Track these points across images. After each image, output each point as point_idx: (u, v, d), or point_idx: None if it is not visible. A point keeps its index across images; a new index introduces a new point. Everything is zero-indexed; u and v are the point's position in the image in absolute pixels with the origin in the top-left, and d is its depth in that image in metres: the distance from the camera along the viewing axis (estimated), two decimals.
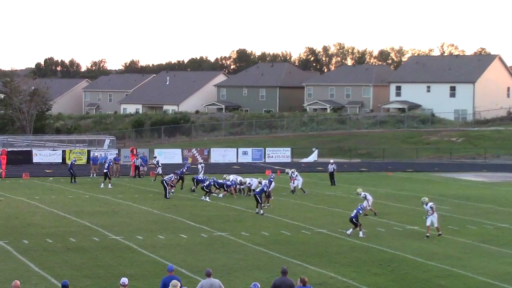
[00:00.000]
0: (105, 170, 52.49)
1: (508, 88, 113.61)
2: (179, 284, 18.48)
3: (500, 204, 44.65)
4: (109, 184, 51.61)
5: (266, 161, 73.40)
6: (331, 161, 55.64)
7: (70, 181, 54.26)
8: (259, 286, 18.66)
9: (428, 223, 33.45)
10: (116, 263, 27.34)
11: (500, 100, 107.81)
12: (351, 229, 33.42)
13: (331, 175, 53.57)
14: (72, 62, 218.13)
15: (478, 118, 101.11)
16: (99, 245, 30.53)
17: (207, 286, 19.13)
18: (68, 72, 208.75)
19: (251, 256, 28.80)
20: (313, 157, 77.51)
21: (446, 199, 46.68)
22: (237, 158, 73.94)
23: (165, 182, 46.26)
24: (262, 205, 40.43)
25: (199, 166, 56.30)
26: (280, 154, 76.53)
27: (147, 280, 24.59)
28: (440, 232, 33.33)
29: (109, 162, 54.86)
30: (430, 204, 33.78)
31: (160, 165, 58.06)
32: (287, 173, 50.36)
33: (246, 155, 75.04)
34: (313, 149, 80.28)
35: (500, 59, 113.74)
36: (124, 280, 18.44)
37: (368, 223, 36.90)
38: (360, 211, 34.22)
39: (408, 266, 27.25)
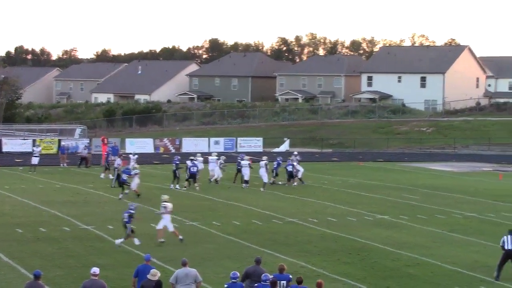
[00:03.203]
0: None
1: (477, 79, 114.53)
2: (159, 273, 18.61)
3: (469, 194, 45.13)
4: (103, 174, 50.93)
5: (238, 150, 73.45)
6: (295, 152, 54.37)
7: None
8: (238, 275, 18.79)
9: (159, 226, 29.47)
10: (87, 253, 27.35)
11: (469, 91, 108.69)
12: (122, 239, 28.68)
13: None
14: (42, 51, 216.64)
15: (448, 108, 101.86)
16: (70, 235, 30.50)
17: (182, 275, 19.16)
18: (39, 60, 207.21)
19: (222, 245, 28.93)
20: (284, 147, 77.71)
21: (416, 189, 47.10)
22: (209, 147, 73.85)
23: (117, 169, 46.06)
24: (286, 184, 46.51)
25: (132, 158, 51.29)
26: (252, 144, 76.66)
27: (118, 270, 24.64)
28: (180, 237, 29.28)
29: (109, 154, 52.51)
30: (164, 204, 29.84)
31: (38, 155, 55.25)
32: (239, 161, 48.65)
33: (218, 144, 75.03)
34: (285, 139, 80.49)
35: (470, 50, 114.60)
36: (95, 269, 18.48)
37: (339, 212, 37.18)
38: (132, 212, 29.11)
39: (377, 255, 27.52)
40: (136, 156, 53.42)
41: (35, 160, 54.42)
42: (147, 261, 20.15)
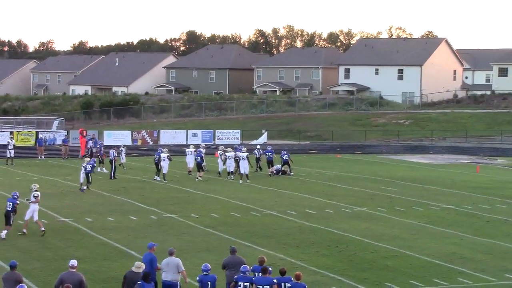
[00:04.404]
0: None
1: (455, 71, 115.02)
2: (143, 266, 18.60)
3: (446, 186, 45.34)
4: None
5: (216, 143, 73.37)
6: (258, 146, 53.76)
7: None
8: (210, 267, 18.85)
9: (27, 217, 28.99)
10: (64, 245, 27.26)
11: (446, 83, 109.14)
12: (4, 231, 28.27)
13: (257, 160, 50.91)
14: (19, 43, 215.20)
15: (425, 100, 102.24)
16: (48, 227, 30.31)
17: (164, 264, 19.58)
18: (16, 52, 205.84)
19: (201, 237, 28.92)
20: (262, 139, 77.71)
21: (393, 181, 47.26)
22: (187, 139, 73.81)
23: (114, 161, 46.21)
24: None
25: (122, 149, 51.02)
26: (230, 136, 76.66)
27: (96, 262, 24.58)
28: (43, 229, 28.87)
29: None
30: (34, 193, 29.24)
31: (13, 148, 54.49)
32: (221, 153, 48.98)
33: (196, 137, 74.99)
34: (263, 131, 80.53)
35: (447, 42, 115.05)
36: (73, 262, 18.46)
37: (317, 204, 37.26)
38: (17, 202, 28.65)
39: (356, 247, 27.61)
40: (125, 148, 53.70)
41: (11, 153, 54.15)
42: (150, 249, 20.35)
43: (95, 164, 42.15)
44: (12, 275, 18.22)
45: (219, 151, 49.52)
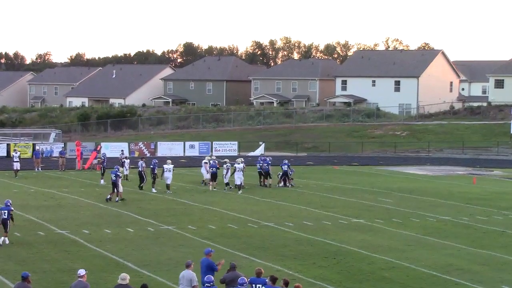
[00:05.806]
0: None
1: (451, 83, 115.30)
2: (128, 277, 18.52)
3: (443, 197, 45.38)
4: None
5: (213, 154, 73.37)
6: (242, 159, 53.20)
7: None
8: (213, 279, 18.78)
9: None
10: (62, 257, 27.23)
11: (443, 95, 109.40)
12: (2, 238, 29.03)
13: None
14: (16, 55, 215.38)
15: (422, 112, 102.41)
16: (45, 239, 30.34)
17: (180, 277, 19.71)
18: (13, 64, 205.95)
19: (198, 249, 28.85)
20: (259, 151, 77.72)
21: (391, 192, 47.29)
22: (184, 151, 73.84)
23: (143, 172, 46.61)
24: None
25: (126, 161, 51.46)
26: (227, 148, 76.64)
27: (94, 274, 24.53)
28: None
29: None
30: None
31: (18, 160, 54.53)
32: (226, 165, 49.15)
33: (193, 148, 74.99)
34: (260, 142, 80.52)
35: (443, 54, 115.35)
36: (80, 271, 18.57)
37: (314, 216, 37.27)
38: (12, 208, 29.60)
39: (353, 259, 27.62)
40: (129, 160, 54.00)
41: (16, 165, 54.10)
42: (207, 255, 20.52)
43: (118, 172, 41.95)
44: (23, 287, 18.24)
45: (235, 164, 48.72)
